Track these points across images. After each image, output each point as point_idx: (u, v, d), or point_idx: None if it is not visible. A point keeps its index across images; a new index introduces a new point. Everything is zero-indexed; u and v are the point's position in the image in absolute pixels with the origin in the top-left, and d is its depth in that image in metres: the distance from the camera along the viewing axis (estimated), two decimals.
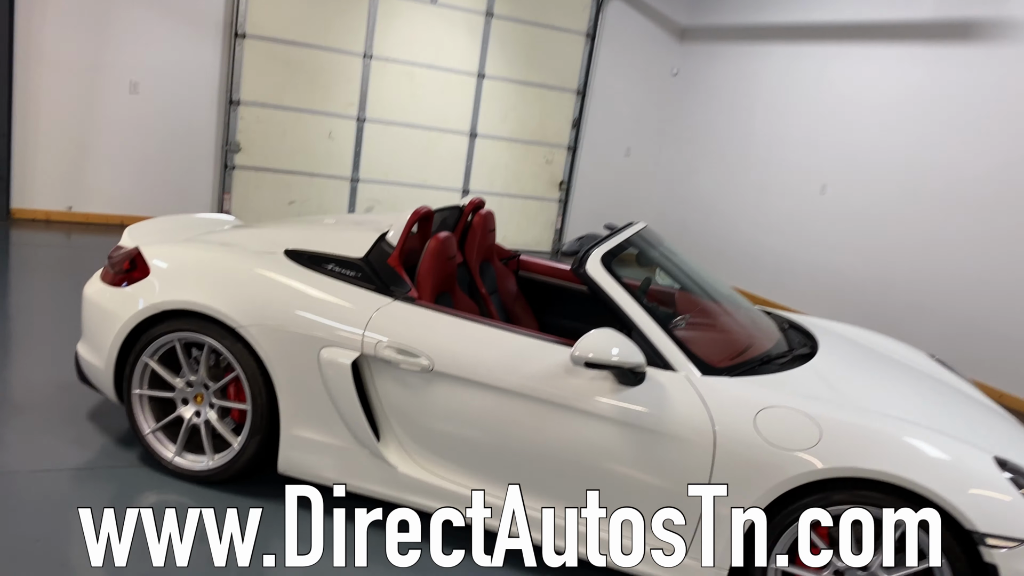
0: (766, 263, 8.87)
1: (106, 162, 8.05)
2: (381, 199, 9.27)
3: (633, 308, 3.02)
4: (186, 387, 3.43)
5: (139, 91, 7.99)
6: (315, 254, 3.43)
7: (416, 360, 3.07)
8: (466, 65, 9.31)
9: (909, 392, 3.28)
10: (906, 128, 7.35)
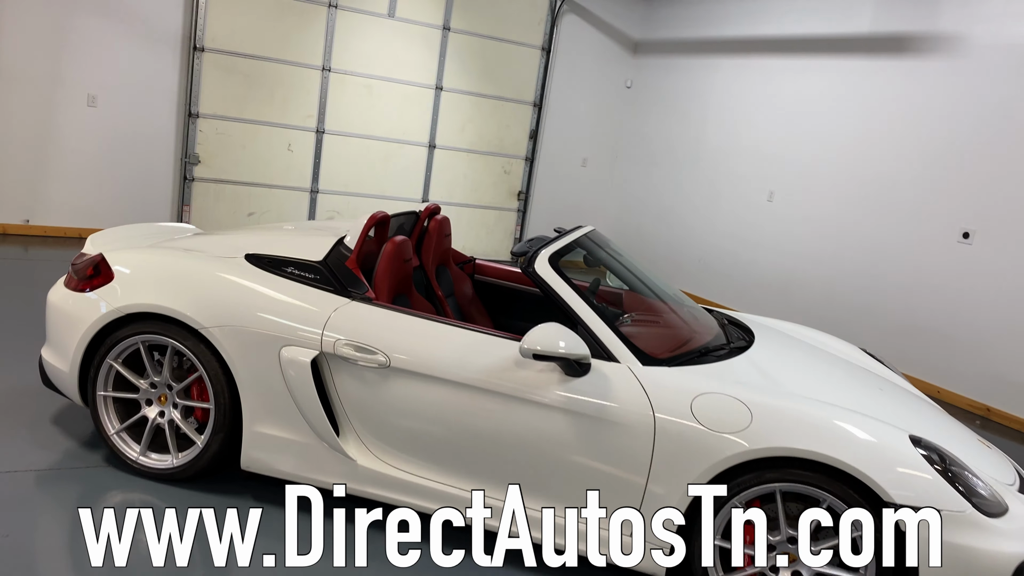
0: (718, 267, 9.15)
1: (64, 175, 8.07)
2: (341, 210, 9.38)
3: (578, 304, 3.21)
4: (150, 388, 3.54)
5: (97, 104, 8.04)
6: (275, 258, 3.56)
7: (373, 357, 3.22)
8: (424, 78, 9.49)
9: (835, 379, 3.52)
10: (846, 137, 7.69)
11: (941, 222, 6.77)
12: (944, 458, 2.91)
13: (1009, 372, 6.27)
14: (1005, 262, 6.31)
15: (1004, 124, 6.35)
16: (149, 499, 3.38)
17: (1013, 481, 3.19)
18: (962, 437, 3.38)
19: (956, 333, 6.64)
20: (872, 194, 7.39)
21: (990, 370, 6.40)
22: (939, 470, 2.83)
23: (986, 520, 2.78)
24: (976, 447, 3.35)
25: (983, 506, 2.81)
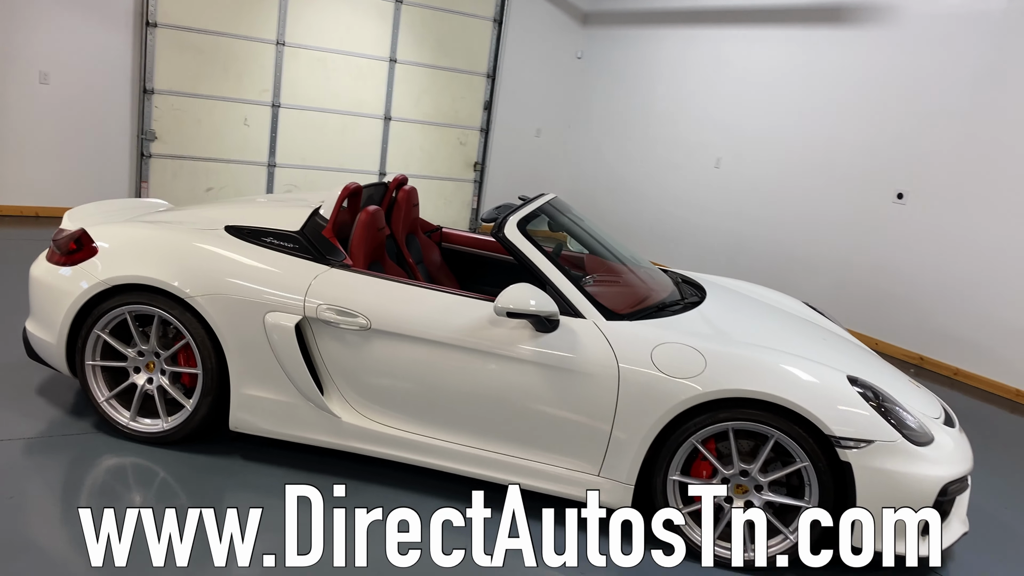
0: (669, 232, 9.49)
1: (17, 154, 8.01)
2: (298, 183, 9.46)
3: (546, 265, 3.46)
4: (138, 356, 3.69)
5: (49, 81, 7.97)
6: (254, 229, 3.73)
7: (354, 320, 3.43)
8: (378, 51, 9.57)
9: (779, 328, 3.84)
10: (788, 105, 8.03)
11: (877, 184, 7.17)
12: (878, 395, 3.24)
13: (940, 324, 6.72)
14: (936, 221, 6.73)
15: (936, 90, 6.74)
16: (141, 462, 3.55)
17: (939, 415, 3.55)
18: (894, 377, 3.73)
19: (891, 288, 7.07)
20: (813, 159, 7.76)
21: (923, 322, 6.85)
22: (874, 406, 3.16)
23: (915, 448, 3.12)
24: (907, 386, 3.70)
25: (912, 436, 3.15)
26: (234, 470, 3.59)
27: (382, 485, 3.52)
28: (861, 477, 3.06)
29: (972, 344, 6.51)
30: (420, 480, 3.56)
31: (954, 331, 6.63)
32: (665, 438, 3.25)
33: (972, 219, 6.49)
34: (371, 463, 3.68)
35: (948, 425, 3.52)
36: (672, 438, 3.23)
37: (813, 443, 3.11)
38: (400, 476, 3.60)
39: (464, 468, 3.46)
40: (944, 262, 6.68)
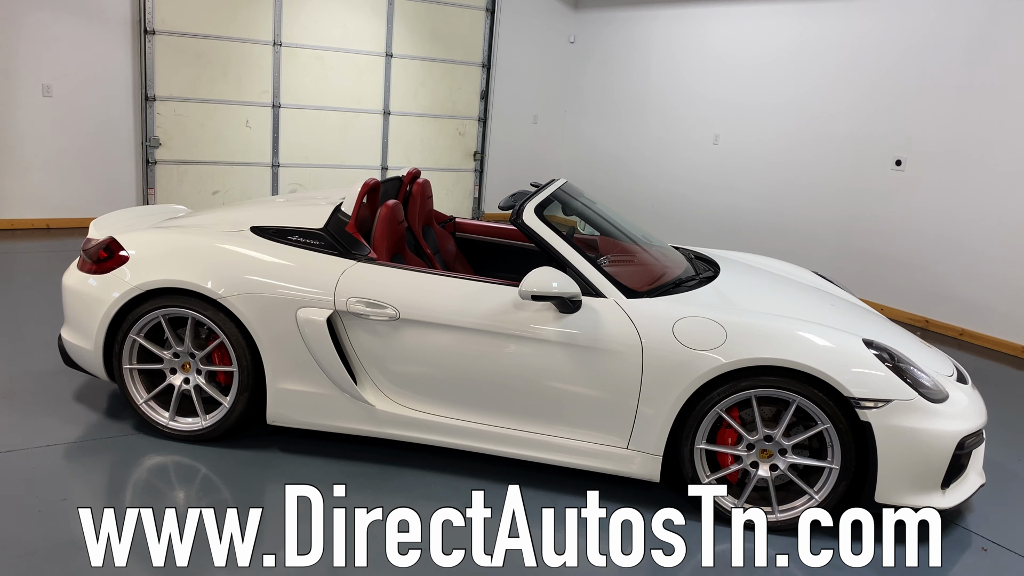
0: (671, 211, 9.59)
1: (24, 167, 8.10)
2: (303, 182, 9.55)
3: (565, 248, 3.57)
4: (173, 358, 3.81)
5: (52, 94, 8.05)
6: (279, 228, 3.83)
7: (383, 311, 3.54)
8: (373, 46, 9.64)
9: (793, 298, 3.97)
10: (782, 77, 8.12)
11: (875, 152, 7.28)
12: (893, 356, 3.36)
13: (944, 286, 6.85)
14: (934, 185, 6.85)
15: (931, 56, 6.84)
16: (184, 460, 3.67)
17: (952, 373, 3.68)
18: (907, 339, 3.86)
19: (894, 253, 7.19)
20: (810, 129, 7.86)
21: (927, 285, 6.98)
22: (889, 366, 3.28)
23: (931, 405, 3.25)
24: (919, 346, 3.83)
25: (928, 394, 3.28)
26: (274, 463, 3.71)
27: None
28: (881, 435, 3.19)
29: (976, 304, 6.64)
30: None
31: (958, 292, 6.76)
32: (690, 409, 3.37)
33: (972, 181, 6.60)
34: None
35: (961, 382, 3.64)
36: (697, 408, 3.35)
37: (833, 405, 3.23)
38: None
39: (497, 448, 3.59)
40: (946, 225, 6.80)
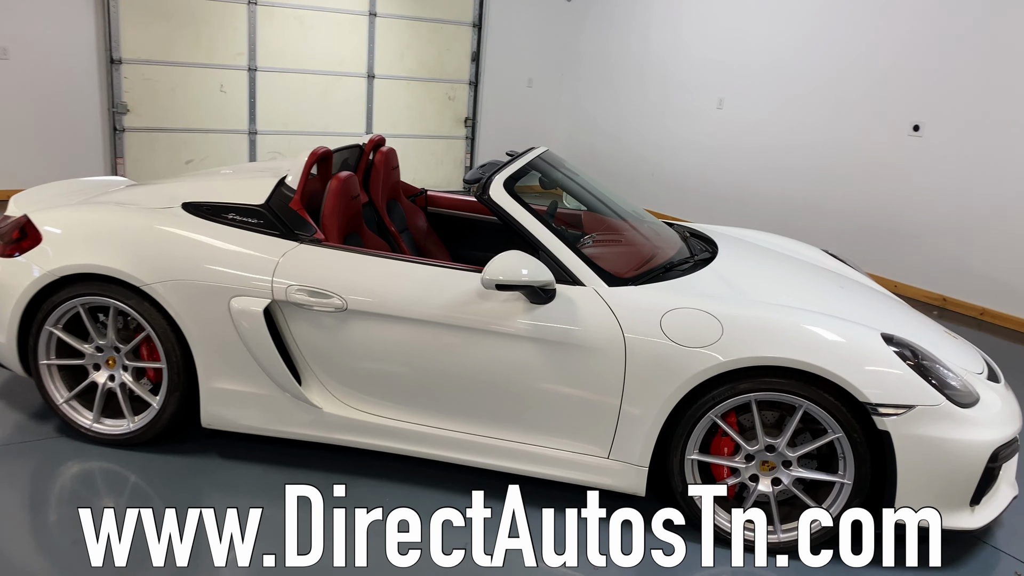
0: (672, 179, 9.08)
1: None
2: (282, 150, 9.06)
3: (538, 228, 3.09)
4: (96, 352, 3.37)
5: (10, 57, 7.54)
6: (214, 205, 3.37)
7: (329, 301, 3.09)
8: (356, 4, 9.09)
9: (802, 283, 3.48)
10: (792, 37, 7.56)
11: (891, 117, 6.74)
12: (916, 353, 2.89)
13: (963, 262, 6.35)
14: (955, 153, 6.32)
15: (950, 11, 6.27)
16: (110, 467, 3.26)
17: (981, 370, 3.21)
18: (930, 330, 3.38)
19: (911, 227, 6.68)
20: (821, 93, 7.31)
21: (945, 261, 6.48)
22: (912, 365, 2.82)
23: (960, 411, 2.78)
24: (944, 339, 3.35)
25: (956, 397, 2.82)
26: (210, 470, 3.31)
27: (382, 484, 3.29)
28: (902, 447, 2.74)
29: (999, 282, 6.14)
30: (420, 480, 3.32)
31: (979, 269, 6.25)
32: (680, 414, 2.92)
33: (995, 148, 6.07)
34: (354, 459, 3.40)
35: (992, 380, 3.18)
36: (688, 414, 2.90)
37: (847, 412, 2.77)
38: (400, 476, 3.34)
39: (459, 456, 3.15)
40: (966, 196, 6.27)
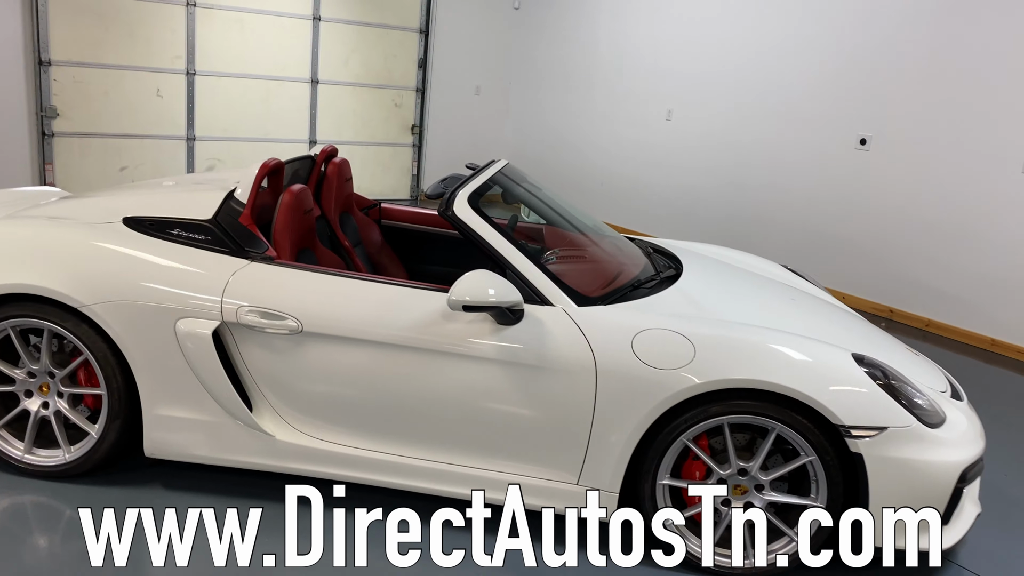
0: (620, 191, 9.07)
1: None
2: (222, 157, 8.76)
3: (505, 247, 2.98)
4: (28, 378, 3.13)
5: None
6: (158, 220, 3.17)
7: (283, 323, 2.92)
8: (300, 8, 8.85)
9: (769, 301, 3.44)
10: (742, 48, 7.61)
11: (839, 130, 6.83)
12: (886, 373, 2.87)
13: (910, 274, 6.46)
14: (902, 166, 6.43)
15: (897, 30, 6.38)
16: (43, 501, 3.03)
17: (945, 388, 3.21)
18: (893, 348, 3.38)
19: (858, 239, 6.78)
20: (770, 105, 7.38)
21: (892, 273, 6.58)
22: (882, 385, 2.79)
23: (929, 432, 2.77)
24: (907, 357, 3.35)
25: (925, 417, 2.80)
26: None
27: (319, 478, 3.17)
28: (874, 469, 2.70)
29: (943, 294, 6.26)
30: None
31: (924, 281, 6.37)
32: (651, 438, 2.84)
33: (940, 164, 6.19)
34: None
35: (955, 398, 3.18)
36: (660, 438, 2.82)
37: (820, 434, 2.73)
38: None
39: (423, 485, 3.02)
40: (912, 210, 6.39)
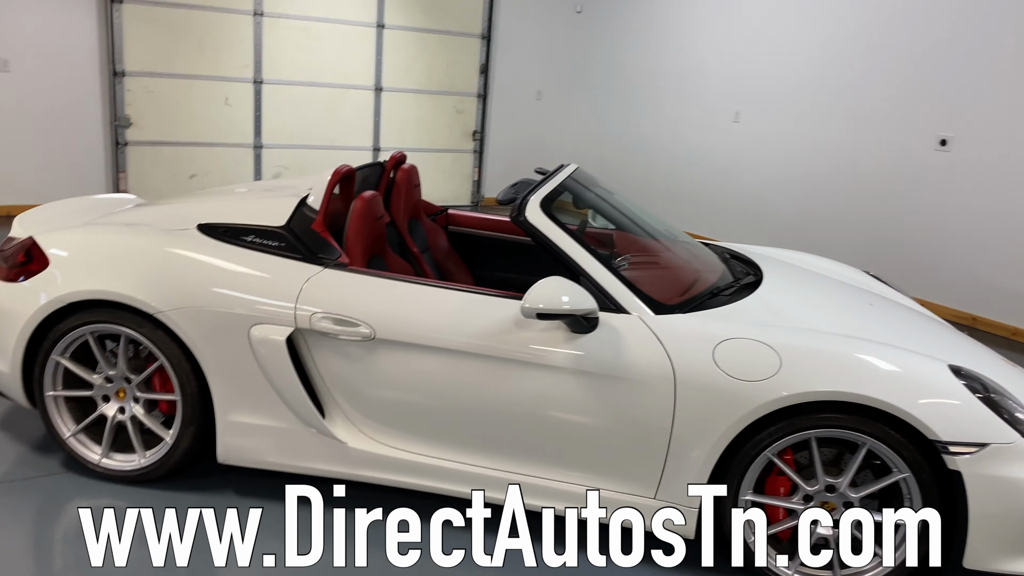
0: (685, 195, 8.90)
1: None
2: (288, 164, 8.87)
3: (579, 253, 2.91)
4: (105, 383, 3.17)
5: (11, 69, 7.36)
6: (232, 227, 3.18)
7: (356, 329, 2.89)
8: (364, 16, 8.92)
9: (857, 310, 3.29)
10: (812, 46, 7.40)
11: (917, 130, 6.57)
12: (986, 386, 2.71)
13: (993, 279, 6.17)
14: (984, 167, 6.15)
15: (978, 20, 6.12)
16: (120, 504, 3.05)
17: None
18: (989, 359, 3.19)
19: (938, 244, 6.51)
20: (843, 105, 7.15)
21: (974, 279, 6.30)
22: (982, 399, 2.63)
23: None
24: (1005, 368, 3.16)
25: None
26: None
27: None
28: (974, 487, 2.54)
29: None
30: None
31: (1010, 286, 6.07)
32: (733, 452, 2.72)
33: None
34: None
35: None
36: (743, 451, 2.71)
37: (915, 450, 2.58)
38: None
39: (494, 495, 2.94)
40: (996, 211, 6.10)
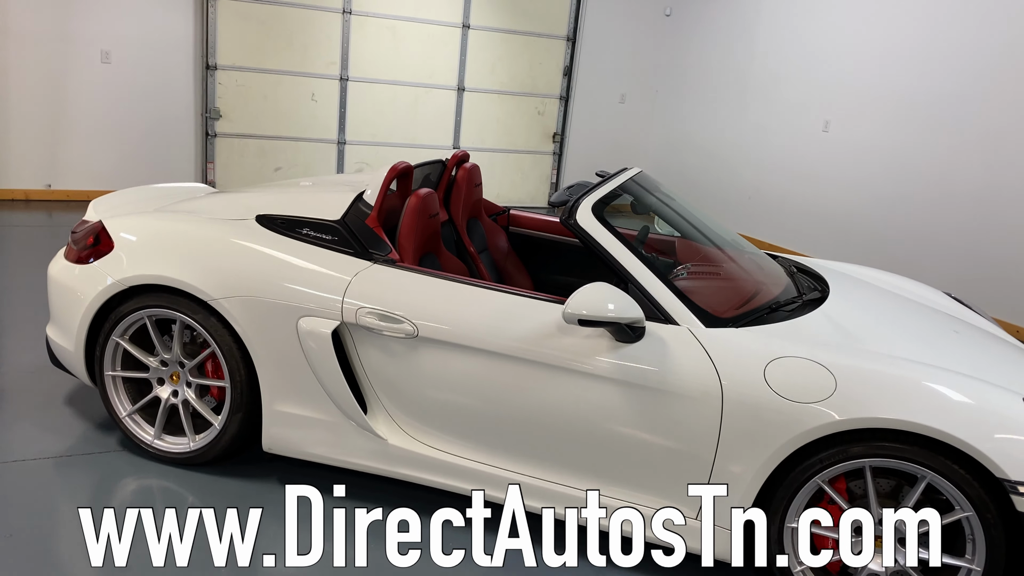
0: (769, 206, 8.63)
1: (82, 136, 7.80)
2: (370, 161, 9.01)
3: (628, 259, 2.81)
4: (161, 366, 3.25)
5: (111, 60, 7.71)
6: (289, 218, 3.21)
7: (399, 326, 2.88)
8: (450, 16, 8.98)
9: (928, 334, 3.08)
10: (907, 54, 7.04)
11: (1020, 143, 6.17)
12: None
13: None
14: None
15: None
16: (169, 486, 3.13)
17: None
18: None
19: None
20: (938, 116, 6.77)
21: None
22: None
23: None
24: None
25: None
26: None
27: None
28: None
29: None
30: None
31: None
32: (782, 476, 2.59)
33: None
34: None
35: None
36: (791, 476, 2.57)
37: (979, 487, 2.39)
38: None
39: (530, 503, 2.88)
40: None
